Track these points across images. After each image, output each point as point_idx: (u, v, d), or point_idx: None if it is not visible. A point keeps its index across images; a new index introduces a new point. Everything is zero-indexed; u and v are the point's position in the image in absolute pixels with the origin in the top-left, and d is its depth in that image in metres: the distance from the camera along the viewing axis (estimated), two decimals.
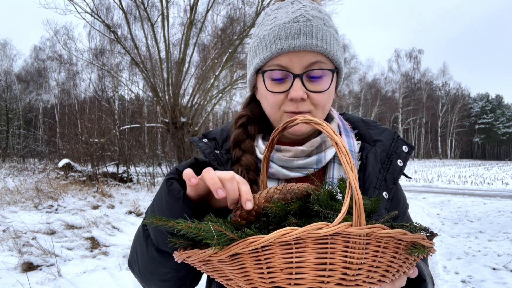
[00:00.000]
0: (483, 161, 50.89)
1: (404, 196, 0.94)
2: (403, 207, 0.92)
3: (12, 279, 3.79)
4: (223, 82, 16.66)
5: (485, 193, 12.84)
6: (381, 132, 0.92)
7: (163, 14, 11.55)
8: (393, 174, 0.86)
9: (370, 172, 0.85)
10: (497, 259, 4.99)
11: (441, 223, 7.49)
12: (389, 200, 0.84)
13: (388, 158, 0.87)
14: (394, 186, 0.86)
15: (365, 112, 46.63)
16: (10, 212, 6.90)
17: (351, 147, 0.88)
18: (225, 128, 0.97)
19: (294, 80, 0.78)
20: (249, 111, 0.93)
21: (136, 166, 13.59)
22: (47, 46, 32.31)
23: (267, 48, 0.79)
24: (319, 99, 0.80)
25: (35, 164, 19.21)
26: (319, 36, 0.77)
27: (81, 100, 24.69)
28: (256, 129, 0.91)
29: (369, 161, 0.86)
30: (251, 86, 0.92)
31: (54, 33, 21.86)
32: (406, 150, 0.90)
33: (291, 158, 0.83)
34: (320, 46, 0.77)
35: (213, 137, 0.95)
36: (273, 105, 0.82)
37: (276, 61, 0.79)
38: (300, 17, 0.78)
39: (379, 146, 0.89)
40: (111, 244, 5.22)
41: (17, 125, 34.27)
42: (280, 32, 0.78)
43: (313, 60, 0.78)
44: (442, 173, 22.62)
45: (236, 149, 0.88)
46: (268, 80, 0.81)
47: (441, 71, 56.81)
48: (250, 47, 0.87)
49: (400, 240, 0.54)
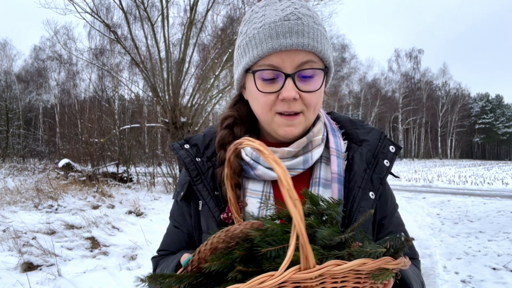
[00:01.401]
0: (483, 161, 50.90)
1: (392, 196, 0.94)
2: (391, 207, 0.92)
3: (12, 279, 3.79)
4: (223, 82, 16.66)
5: (485, 193, 12.84)
6: (368, 131, 0.91)
7: (163, 14, 11.54)
8: (380, 174, 0.85)
9: (356, 171, 0.84)
10: (497, 259, 4.99)
11: (441, 223, 7.49)
12: (376, 200, 0.84)
13: (375, 158, 0.87)
14: (381, 186, 0.85)
15: (365, 112, 46.63)
16: (10, 212, 6.90)
17: (338, 146, 0.87)
18: (208, 133, 0.95)
19: (285, 80, 0.76)
20: (235, 112, 0.91)
21: (136, 166, 13.59)
22: (47, 46, 32.37)
23: (257, 47, 0.77)
24: (311, 99, 0.79)
25: (35, 164, 19.21)
26: (310, 34, 0.76)
27: (81, 100, 24.70)
28: (242, 130, 0.89)
29: (355, 161, 0.86)
30: (239, 86, 0.90)
31: (54, 33, 21.84)
32: (393, 150, 0.89)
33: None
34: (312, 45, 0.76)
35: (195, 143, 0.93)
36: (264, 106, 0.80)
37: (267, 60, 0.77)
38: (290, 15, 0.76)
39: (365, 146, 0.88)
40: (111, 244, 5.22)
41: (17, 125, 34.28)
42: (271, 30, 0.75)
43: (304, 59, 0.76)
44: (442, 173, 22.62)
45: (222, 151, 0.86)
46: (259, 80, 0.78)
47: (441, 71, 56.82)
48: (238, 46, 0.84)
49: (360, 271, 0.50)
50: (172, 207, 0.99)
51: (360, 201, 0.81)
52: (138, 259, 4.65)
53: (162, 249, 0.98)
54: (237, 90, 0.92)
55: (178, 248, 0.94)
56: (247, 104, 0.89)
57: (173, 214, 0.98)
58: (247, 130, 0.91)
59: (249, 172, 0.85)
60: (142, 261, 4.57)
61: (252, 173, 0.84)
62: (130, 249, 5.00)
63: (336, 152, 0.86)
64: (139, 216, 7.17)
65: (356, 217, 0.79)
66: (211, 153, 0.90)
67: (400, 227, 0.92)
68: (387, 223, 0.90)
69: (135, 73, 23.27)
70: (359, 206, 0.81)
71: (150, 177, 12.65)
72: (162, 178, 11.68)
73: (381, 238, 0.86)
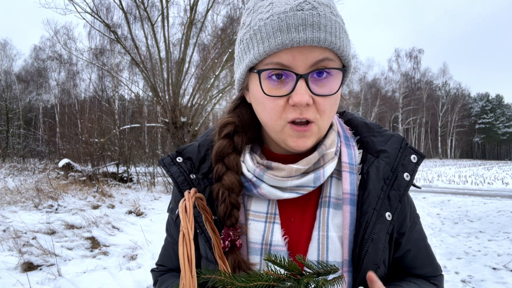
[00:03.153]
0: (483, 161, 50.88)
1: (412, 208, 0.82)
2: (410, 222, 0.80)
3: (12, 279, 3.79)
4: (223, 82, 16.67)
5: (485, 192, 12.83)
6: (386, 140, 0.79)
7: (163, 14, 11.54)
8: (399, 191, 0.74)
9: (371, 191, 0.73)
10: (497, 259, 4.99)
11: (441, 223, 7.49)
12: (393, 221, 0.73)
13: (393, 172, 0.75)
14: (399, 204, 0.74)
15: (365, 112, 46.62)
16: (10, 212, 6.91)
17: (352, 159, 0.77)
18: (203, 143, 0.82)
19: (297, 82, 0.63)
20: (236, 118, 0.78)
21: (136, 166, 13.60)
22: (47, 46, 32.34)
23: (263, 43, 0.64)
24: (326, 105, 0.66)
25: (35, 164, 19.20)
26: (327, 28, 0.63)
27: (81, 100, 24.69)
28: (244, 141, 0.77)
29: (370, 177, 0.74)
30: (241, 87, 0.76)
31: (54, 33, 21.89)
32: (415, 161, 0.77)
33: (285, 179, 0.71)
34: (329, 41, 0.63)
35: (188, 156, 0.80)
36: (272, 113, 0.67)
37: (275, 58, 0.64)
38: (304, 3, 0.63)
39: (383, 158, 0.76)
40: (111, 244, 5.22)
41: (17, 125, 34.29)
42: (281, 22, 0.62)
43: (320, 57, 0.64)
44: (442, 173, 22.61)
45: (219, 165, 0.75)
46: (265, 81, 0.66)
47: (441, 71, 56.84)
48: (240, 40, 0.71)
49: None
50: (167, 220, 0.92)
51: (374, 226, 0.71)
52: (138, 259, 4.65)
53: (161, 264, 0.95)
54: (238, 92, 0.80)
55: (176, 265, 0.90)
56: (250, 108, 0.78)
57: (168, 228, 0.91)
58: (250, 139, 0.80)
59: (251, 190, 0.74)
60: (142, 261, 4.57)
61: (255, 191, 0.74)
62: (130, 249, 5.00)
63: (349, 167, 0.75)
64: (139, 216, 7.17)
65: (368, 246, 0.69)
66: (208, 169, 0.78)
67: (421, 243, 0.82)
68: (405, 241, 0.79)
69: (135, 73, 23.30)
70: (373, 232, 0.70)
71: (150, 177, 12.66)
72: (162, 178, 11.69)
73: (397, 257, 0.80)
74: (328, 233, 0.72)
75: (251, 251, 0.72)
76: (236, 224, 0.72)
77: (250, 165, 0.74)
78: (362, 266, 0.69)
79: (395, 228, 0.77)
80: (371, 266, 0.70)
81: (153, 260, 4.59)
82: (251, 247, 0.73)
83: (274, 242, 0.72)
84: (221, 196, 0.72)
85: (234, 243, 0.71)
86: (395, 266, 0.81)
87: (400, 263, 0.81)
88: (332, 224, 0.73)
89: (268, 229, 0.73)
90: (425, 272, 0.83)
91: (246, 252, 0.73)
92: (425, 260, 0.82)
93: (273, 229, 0.73)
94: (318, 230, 0.73)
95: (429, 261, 0.83)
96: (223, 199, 0.72)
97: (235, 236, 0.71)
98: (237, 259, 0.70)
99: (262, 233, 0.73)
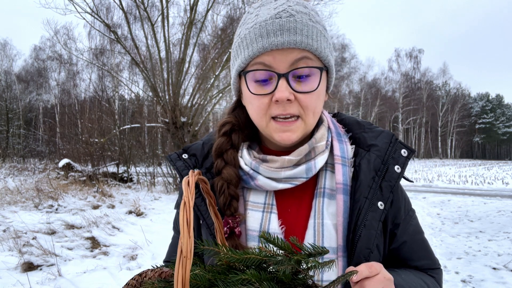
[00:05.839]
0: (483, 161, 50.88)
1: (407, 201, 0.87)
2: (405, 214, 0.84)
3: (12, 279, 3.79)
4: (223, 82, 16.67)
5: (485, 192, 12.83)
6: (376, 135, 0.85)
7: (163, 14, 11.54)
8: (390, 182, 0.79)
9: (362, 181, 0.78)
10: (497, 258, 4.99)
11: (441, 223, 7.49)
12: (385, 210, 0.77)
13: (384, 165, 0.80)
14: (391, 195, 0.79)
15: (365, 112, 46.62)
16: (10, 212, 6.91)
17: (344, 153, 0.82)
18: (207, 142, 0.90)
19: (279, 80, 0.71)
20: (233, 118, 0.86)
21: (136, 166, 13.61)
22: (47, 46, 32.32)
23: (248, 48, 0.73)
24: (307, 101, 0.73)
25: (35, 164, 19.20)
26: (304, 31, 0.71)
27: (81, 100, 24.69)
28: (241, 138, 0.85)
29: (362, 169, 0.80)
30: (236, 91, 0.85)
31: (54, 33, 21.80)
32: (405, 155, 0.82)
33: (278, 169, 0.77)
34: (306, 43, 0.70)
35: (193, 153, 0.88)
36: (258, 110, 0.75)
37: (258, 60, 0.72)
38: (282, 12, 0.71)
39: (373, 151, 0.82)
40: (111, 244, 5.22)
41: (17, 125, 34.30)
42: (261, 29, 0.71)
43: (298, 56, 0.71)
44: (442, 173, 22.61)
45: (218, 160, 0.82)
46: (251, 82, 0.74)
47: (441, 70, 56.72)
48: (232, 49, 0.80)
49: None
50: (174, 217, 0.97)
51: (366, 213, 0.75)
52: (138, 259, 4.65)
53: (168, 261, 0.96)
54: (235, 95, 0.88)
55: None
56: (245, 109, 0.85)
57: (176, 225, 0.96)
58: (246, 137, 0.87)
59: (249, 182, 0.81)
60: (142, 261, 4.57)
61: (252, 183, 0.80)
62: (130, 249, 5.00)
63: (342, 160, 0.81)
64: (139, 216, 7.17)
65: (361, 231, 0.74)
66: (210, 164, 0.86)
67: (417, 236, 0.85)
68: (401, 232, 0.83)
69: (135, 73, 23.28)
70: (365, 218, 0.75)
71: (150, 177, 12.66)
72: (162, 178, 11.69)
73: (394, 248, 0.83)
74: (323, 220, 0.77)
75: (249, 238, 0.78)
76: (235, 213, 0.78)
77: (247, 158, 0.81)
78: (356, 250, 0.74)
79: (390, 219, 0.81)
80: (364, 250, 0.74)
81: (153, 260, 4.59)
82: (249, 234, 0.79)
83: (271, 230, 0.77)
84: (221, 188, 0.79)
85: (233, 231, 0.77)
86: (393, 258, 0.84)
87: (397, 255, 0.84)
88: (327, 212, 0.78)
89: (266, 218, 0.79)
90: (422, 264, 0.85)
91: (245, 239, 0.78)
92: (422, 253, 0.85)
93: (270, 218, 0.79)
94: (314, 219, 0.78)
95: (426, 254, 0.86)
96: (222, 190, 0.78)
97: (233, 224, 0.76)
98: (235, 244, 0.76)
99: (260, 221, 0.79)
